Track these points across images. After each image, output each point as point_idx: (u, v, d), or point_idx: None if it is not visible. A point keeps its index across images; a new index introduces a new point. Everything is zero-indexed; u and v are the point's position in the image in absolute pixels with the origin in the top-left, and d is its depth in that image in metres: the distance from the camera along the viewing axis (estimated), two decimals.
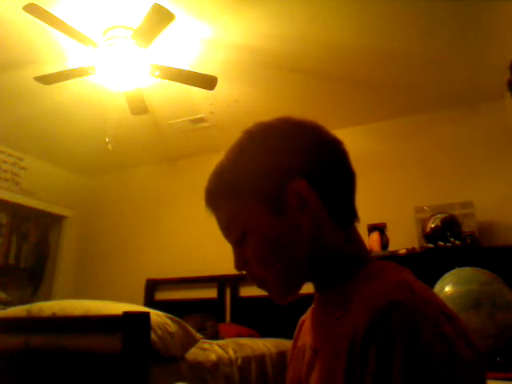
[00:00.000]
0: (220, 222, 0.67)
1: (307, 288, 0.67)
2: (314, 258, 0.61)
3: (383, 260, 0.63)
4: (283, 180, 0.60)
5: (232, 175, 0.64)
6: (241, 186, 0.63)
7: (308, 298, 0.79)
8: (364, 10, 2.18)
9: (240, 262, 0.65)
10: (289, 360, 0.74)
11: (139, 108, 2.73)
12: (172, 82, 2.51)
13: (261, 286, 0.64)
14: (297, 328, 0.76)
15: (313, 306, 0.69)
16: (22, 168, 3.85)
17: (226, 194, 0.65)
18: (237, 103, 3.06)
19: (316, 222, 0.60)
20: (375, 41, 2.41)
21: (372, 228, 2.83)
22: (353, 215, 0.64)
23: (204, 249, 3.65)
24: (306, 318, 0.73)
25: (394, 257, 2.66)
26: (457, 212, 2.69)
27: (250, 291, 3.38)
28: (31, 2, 1.92)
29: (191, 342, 1.64)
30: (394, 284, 0.51)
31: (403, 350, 0.44)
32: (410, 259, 2.61)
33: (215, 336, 2.61)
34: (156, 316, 1.49)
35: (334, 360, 0.53)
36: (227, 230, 0.66)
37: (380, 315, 0.47)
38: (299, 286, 0.64)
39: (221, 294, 3.45)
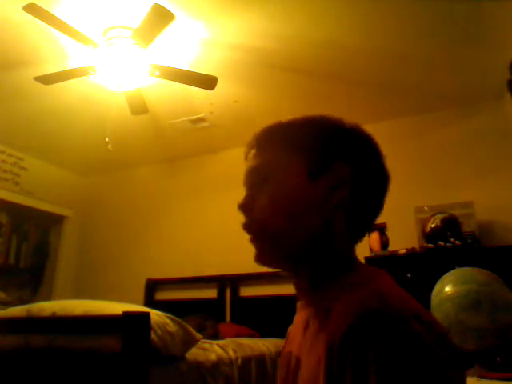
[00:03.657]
0: (253, 159, 0.66)
1: None
2: (313, 241, 0.61)
3: (364, 264, 0.63)
4: (333, 156, 0.62)
5: (293, 127, 0.66)
6: (296, 140, 0.64)
7: None
8: (363, 10, 2.18)
9: (246, 203, 0.64)
10: (278, 369, 0.74)
11: (139, 108, 2.73)
12: (172, 82, 2.51)
13: (252, 238, 0.63)
14: (286, 336, 0.76)
15: (297, 314, 0.70)
16: (22, 168, 3.85)
17: (279, 139, 0.65)
18: (236, 103, 3.06)
19: (339, 210, 0.61)
20: (375, 41, 2.41)
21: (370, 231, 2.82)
22: (363, 235, 0.66)
23: (204, 249, 3.65)
24: (292, 327, 0.73)
25: (394, 257, 2.66)
26: (457, 212, 2.69)
27: (249, 291, 3.38)
28: (31, 1, 1.92)
29: (191, 342, 1.64)
30: (368, 295, 0.52)
31: (377, 360, 0.44)
32: (409, 259, 2.61)
33: (215, 336, 2.61)
34: (156, 316, 1.49)
35: (314, 368, 0.53)
36: (255, 169, 0.65)
37: (353, 325, 0.48)
38: (281, 260, 0.63)
39: (221, 294, 3.45)
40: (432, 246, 2.62)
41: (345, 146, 0.63)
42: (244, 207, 0.64)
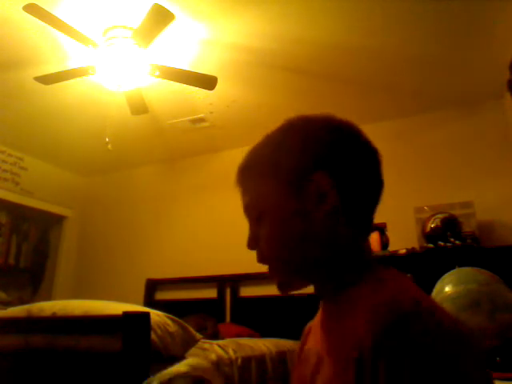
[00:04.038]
0: (243, 198, 0.68)
1: (307, 289, 0.67)
2: (321, 255, 0.61)
3: (385, 266, 0.62)
4: (309, 169, 0.61)
5: (264, 155, 0.67)
6: (270, 166, 0.64)
7: (308, 299, 0.79)
8: (363, 11, 2.18)
9: (252, 241, 0.66)
10: (294, 364, 0.74)
11: (139, 108, 2.73)
12: (172, 82, 2.51)
13: (268, 269, 0.65)
14: (303, 334, 0.76)
15: (319, 311, 0.69)
16: (22, 168, 3.85)
17: (254, 171, 0.66)
18: (236, 103, 3.06)
19: (331, 219, 0.60)
20: (375, 41, 2.41)
21: (372, 228, 2.82)
22: (368, 226, 0.65)
23: (204, 249, 3.65)
24: (313, 323, 0.73)
25: (394, 257, 2.66)
26: (457, 212, 2.69)
27: (249, 291, 3.38)
28: (31, 1, 1.92)
29: (191, 342, 1.64)
30: (398, 294, 0.51)
31: (413, 363, 0.43)
32: (410, 259, 2.61)
33: (215, 336, 2.61)
34: (156, 316, 1.49)
35: (340, 369, 0.53)
36: (248, 207, 0.67)
37: (387, 327, 0.47)
38: (301, 281, 0.65)
39: (221, 294, 3.45)
40: (432, 246, 2.62)
41: (319, 154, 0.62)
42: (251, 246, 0.66)
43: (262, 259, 0.65)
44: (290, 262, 0.62)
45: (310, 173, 0.60)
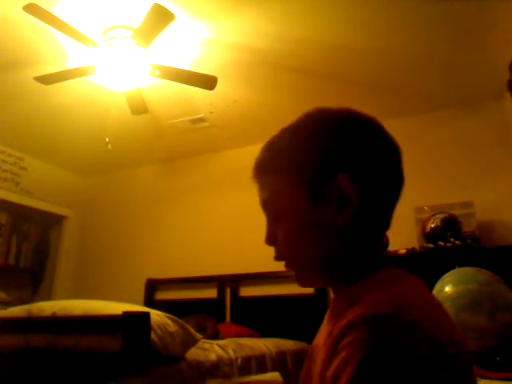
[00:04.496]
0: (260, 194, 0.66)
1: (307, 289, 0.67)
2: (339, 256, 0.60)
3: (393, 267, 0.62)
4: (330, 170, 0.58)
5: (281, 150, 0.64)
6: (287, 163, 0.62)
7: (308, 300, 0.80)
8: (363, 11, 2.18)
9: (270, 238, 0.65)
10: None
11: (139, 108, 2.73)
12: (172, 82, 2.51)
13: (286, 266, 0.65)
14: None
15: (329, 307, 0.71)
16: (22, 168, 3.85)
17: (272, 167, 0.64)
18: (236, 103, 3.06)
19: (351, 222, 0.59)
20: (374, 41, 2.41)
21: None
22: (387, 224, 0.64)
23: (204, 249, 3.65)
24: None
25: (394, 257, 2.66)
26: (457, 212, 2.69)
27: (249, 291, 3.38)
28: (31, 1, 1.92)
29: (191, 342, 1.64)
30: (384, 298, 0.51)
31: (355, 368, 0.43)
32: (410, 259, 2.61)
33: (215, 336, 2.61)
34: (156, 316, 1.49)
35: (325, 359, 0.54)
36: (265, 204, 0.65)
37: (348, 326, 0.48)
38: (318, 279, 0.65)
39: (221, 294, 3.45)
40: (432, 246, 2.62)
41: (338, 153, 0.59)
42: (268, 242, 0.66)
43: (280, 258, 0.64)
44: (308, 262, 0.62)
45: (329, 173, 0.58)
